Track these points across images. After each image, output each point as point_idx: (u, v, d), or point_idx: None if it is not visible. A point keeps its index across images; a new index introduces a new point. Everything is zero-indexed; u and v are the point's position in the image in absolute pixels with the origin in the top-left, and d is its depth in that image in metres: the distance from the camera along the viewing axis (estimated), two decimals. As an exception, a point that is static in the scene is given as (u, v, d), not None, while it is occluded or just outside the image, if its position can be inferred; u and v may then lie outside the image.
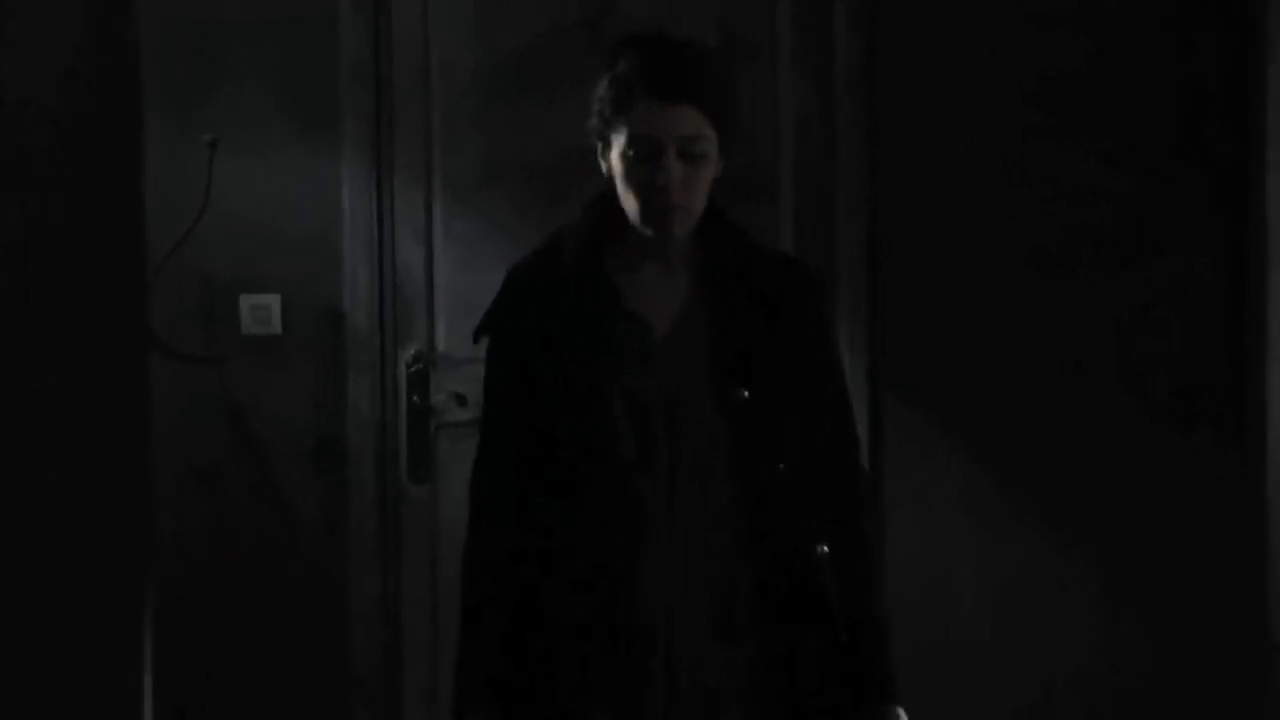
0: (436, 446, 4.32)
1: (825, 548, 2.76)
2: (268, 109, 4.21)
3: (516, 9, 4.26)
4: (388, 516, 4.32)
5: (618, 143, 2.70)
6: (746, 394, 2.72)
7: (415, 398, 4.31)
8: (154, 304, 4.24)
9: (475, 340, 2.90)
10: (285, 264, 4.23)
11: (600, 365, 2.73)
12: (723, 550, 2.75)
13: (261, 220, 4.22)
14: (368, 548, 4.30)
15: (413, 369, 4.31)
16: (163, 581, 4.28)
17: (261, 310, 4.25)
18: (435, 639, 4.32)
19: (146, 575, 4.28)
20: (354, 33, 4.23)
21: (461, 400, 4.29)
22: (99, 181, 4.20)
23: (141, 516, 4.26)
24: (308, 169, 4.22)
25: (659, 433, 2.72)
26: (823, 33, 4.26)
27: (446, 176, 4.29)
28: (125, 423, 4.24)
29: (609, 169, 2.75)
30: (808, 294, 2.83)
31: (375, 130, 4.26)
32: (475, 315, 4.23)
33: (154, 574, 4.29)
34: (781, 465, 2.74)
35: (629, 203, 2.72)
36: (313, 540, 4.28)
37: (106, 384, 4.21)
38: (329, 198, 4.24)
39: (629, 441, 2.72)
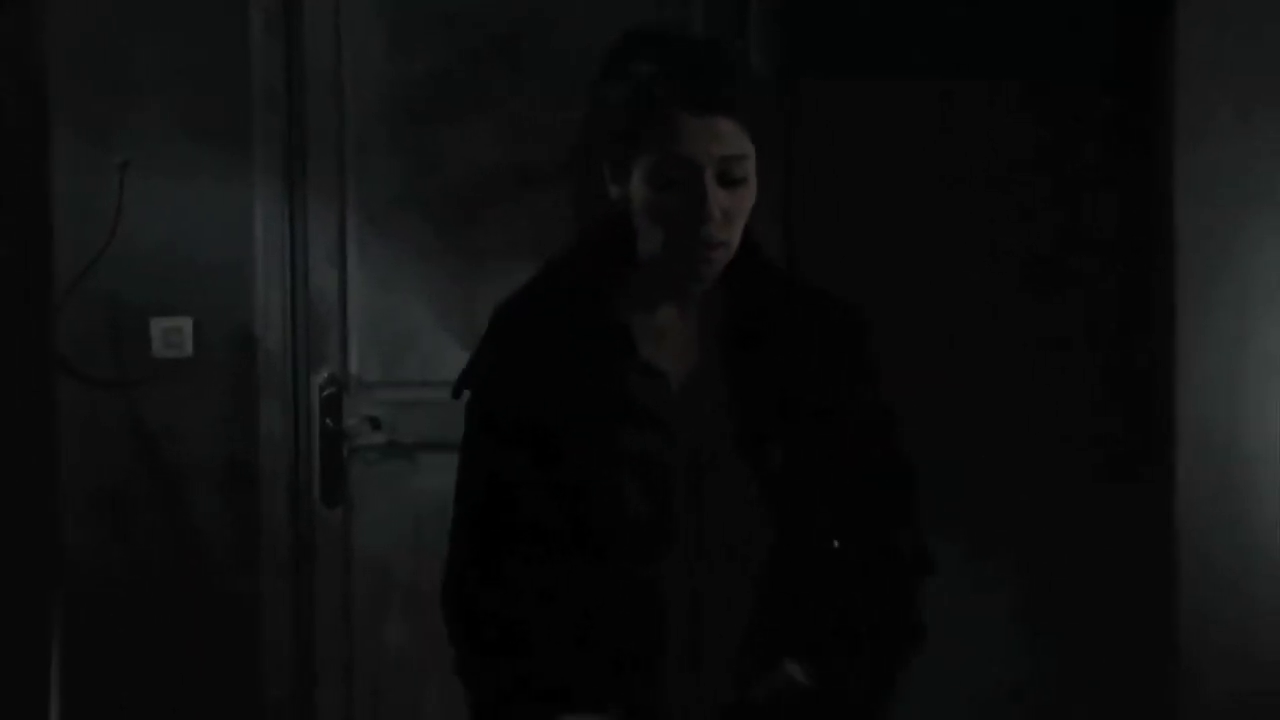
0: (349, 470, 4.31)
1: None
2: (180, 131, 4.19)
3: (428, 32, 4.25)
4: (300, 540, 4.30)
5: (642, 164, 2.23)
6: (781, 455, 2.28)
7: (328, 421, 4.29)
8: (64, 326, 4.20)
9: (456, 395, 2.41)
10: (197, 287, 4.21)
11: (612, 426, 2.27)
12: (755, 646, 2.31)
13: (173, 243, 4.19)
14: (280, 572, 4.28)
15: (326, 392, 4.29)
16: (71, 606, 4.25)
17: (173, 333, 4.22)
18: (349, 663, 4.30)
19: (54, 600, 4.24)
20: (266, 55, 4.22)
21: (375, 424, 4.28)
22: (5, 203, 4.16)
23: (49, 540, 4.22)
24: (220, 191, 4.20)
25: (680, 505, 2.27)
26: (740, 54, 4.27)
27: (360, 199, 4.28)
28: (31, 446, 4.20)
29: (621, 193, 2.29)
30: (849, 336, 2.38)
31: (288, 153, 4.24)
32: (388, 339, 4.28)
33: (62, 598, 4.25)
34: (836, 542, 2.31)
35: (653, 237, 2.26)
36: (224, 564, 4.25)
37: (12, 407, 4.17)
38: (241, 220, 4.22)
39: (645, 517, 2.26)
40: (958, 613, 4.22)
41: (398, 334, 4.29)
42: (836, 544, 2.31)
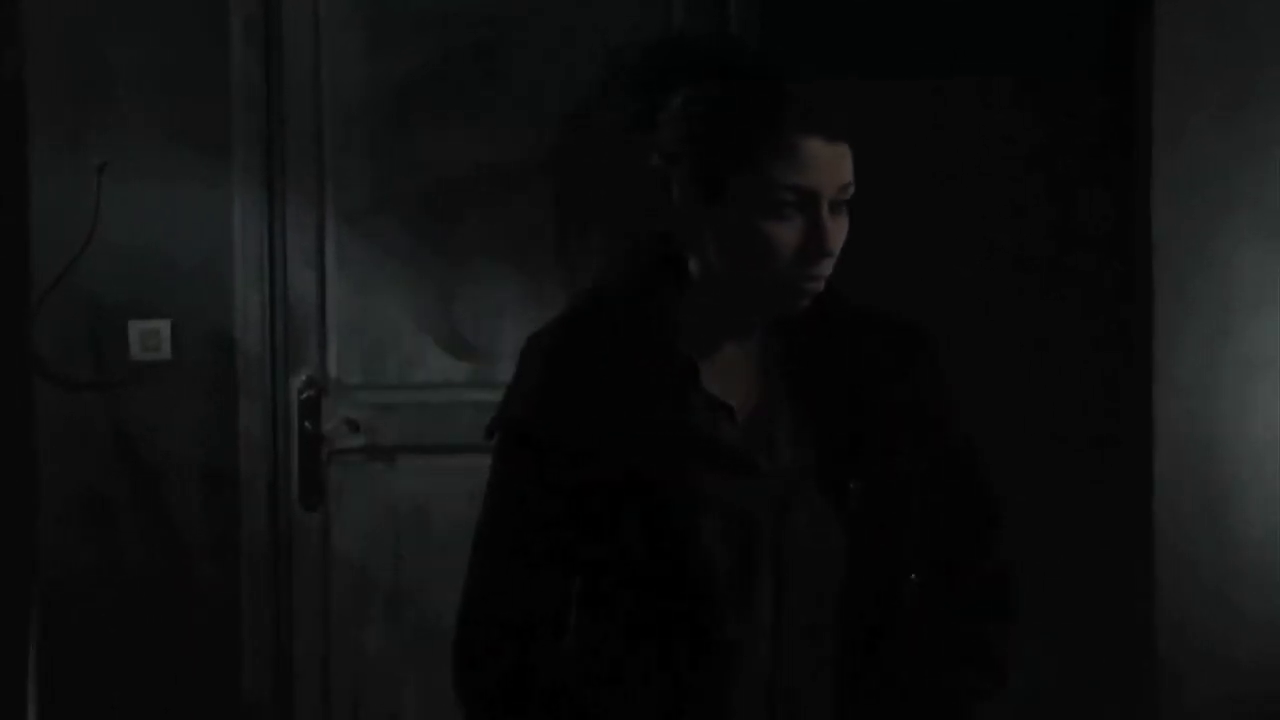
0: (328, 473, 4.30)
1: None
2: (158, 133, 4.18)
3: (407, 35, 4.24)
4: (279, 544, 4.29)
5: (750, 188, 2.02)
6: (861, 492, 2.11)
7: (307, 424, 4.28)
8: (42, 329, 4.19)
9: (491, 434, 2.17)
10: (175, 289, 4.20)
11: (691, 468, 2.08)
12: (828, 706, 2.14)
13: (151, 245, 4.18)
14: (259, 575, 4.27)
15: (304, 395, 4.28)
16: (49, 610, 4.23)
17: (151, 336, 4.21)
18: (326, 667, 4.29)
19: (31, 602, 4.23)
20: (245, 57, 4.21)
21: (354, 426, 4.26)
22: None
23: (27, 542, 4.21)
24: (198, 193, 4.19)
25: (761, 552, 2.09)
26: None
27: (338, 201, 4.27)
28: (9, 449, 4.19)
29: (697, 210, 2.07)
30: (918, 362, 2.21)
31: (266, 155, 4.23)
32: (367, 342, 4.27)
33: (40, 602, 4.24)
34: (914, 576, 2.15)
35: (748, 267, 2.06)
36: (203, 568, 4.24)
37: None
38: (220, 222, 4.21)
39: (729, 565, 2.07)
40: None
41: (377, 336, 4.28)
42: (914, 577, 2.16)
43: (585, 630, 2.13)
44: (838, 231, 2.05)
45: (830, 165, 2.02)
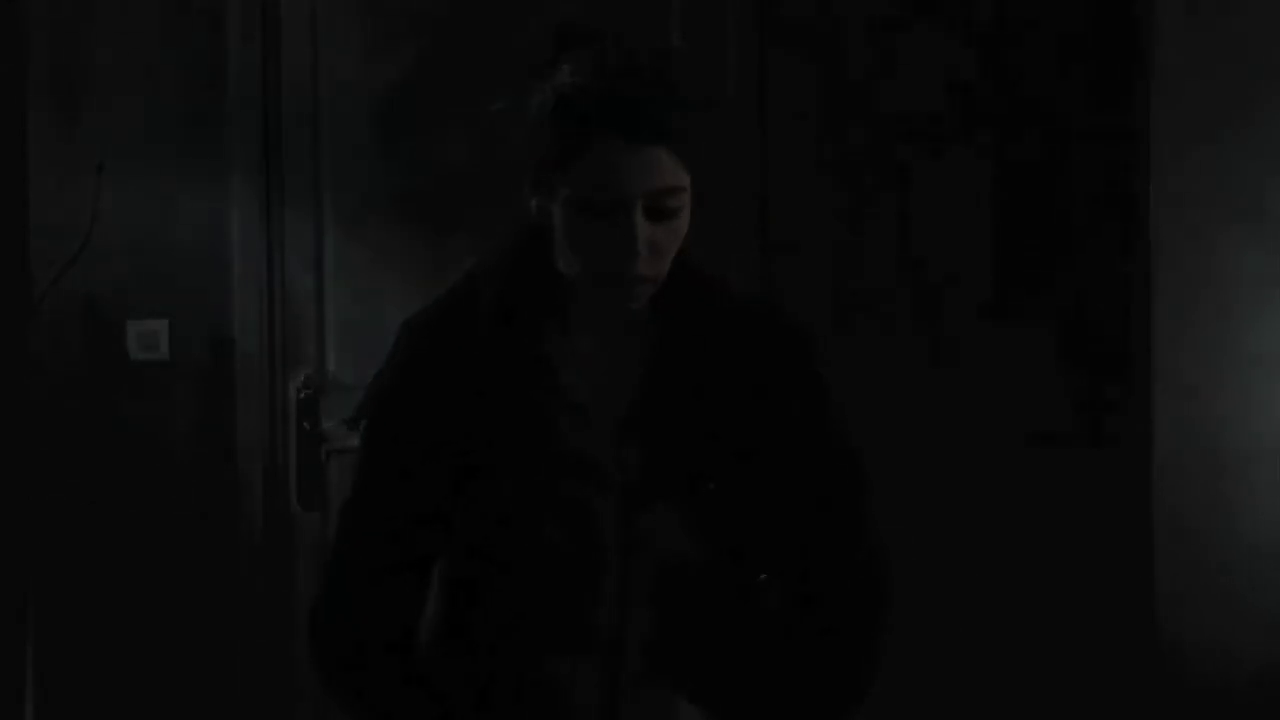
0: (327, 473, 4.29)
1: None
2: (156, 134, 4.18)
3: (406, 38, 4.24)
4: (277, 543, 4.29)
5: (561, 189, 2.00)
6: (715, 492, 2.07)
7: (305, 424, 4.28)
8: (40, 329, 4.19)
9: (355, 424, 2.23)
10: (173, 289, 4.20)
11: (534, 468, 2.06)
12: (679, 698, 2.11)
13: (149, 245, 4.18)
14: (257, 575, 4.27)
15: (303, 395, 4.28)
16: (47, 610, 4.23)
17: (149, 336, 4.21)
18: (326, 667, 4.29)
19: (28, 603, 4.23)
20: (243, 58, 4.20)
21: (353, 425, 4.25)
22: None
23: (23, 545, 4.21)
24: (196, 194, 4.19)
25: (605, 559, 2.06)
26: (715, 50, 4.26)
27: (336, 201, 4.27)
28: (8, 449, 4.19)
29: (541, 207, 2.06)
30: (792, 358, 2.15)
31: (264, 155, 4.23)
32: (365, 342, 4.26)
33: (37, 602, 4.23)
34: (763, 575, 2.13)
35: (572, 264, 2.04)
36: (201, 567, 4.24)
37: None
38: (218, 222, 4.21)
39: (567, 573, 2.07)
40: (936, 603, 4.22)
41: (374, 336, 4.25)
42: (764, 577, 2.13)
43: (441, 616, 2.15)
44: (660, 235, 2.00)
45: (638, 169, 1.96)
